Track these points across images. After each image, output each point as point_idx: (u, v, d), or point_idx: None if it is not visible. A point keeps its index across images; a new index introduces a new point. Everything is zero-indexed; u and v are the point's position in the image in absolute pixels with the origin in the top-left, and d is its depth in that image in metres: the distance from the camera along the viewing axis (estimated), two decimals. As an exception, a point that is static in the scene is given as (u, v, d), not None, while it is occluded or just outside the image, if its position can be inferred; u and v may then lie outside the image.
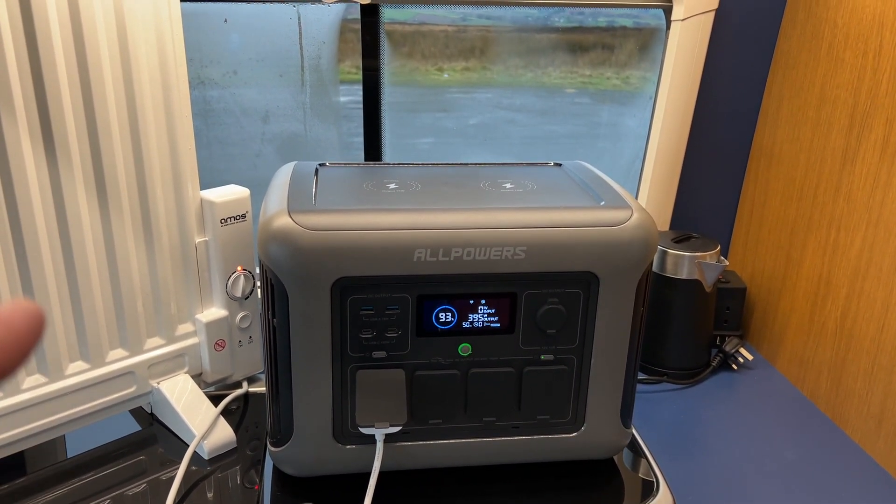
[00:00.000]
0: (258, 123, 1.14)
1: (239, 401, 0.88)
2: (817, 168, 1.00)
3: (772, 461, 0.88)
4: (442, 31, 1.13)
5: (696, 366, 1.06)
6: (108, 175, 0.72)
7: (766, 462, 0.88)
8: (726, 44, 1.10)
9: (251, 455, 0.79)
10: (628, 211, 0.65)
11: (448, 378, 0.66)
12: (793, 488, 0.83)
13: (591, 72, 1.18)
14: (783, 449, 0.91)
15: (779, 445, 0.91)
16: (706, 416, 0.97)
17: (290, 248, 0.60)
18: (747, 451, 0.90)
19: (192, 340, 0.84)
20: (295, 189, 0.67)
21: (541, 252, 0.63)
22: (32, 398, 0.72)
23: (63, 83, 0.67)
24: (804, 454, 0.90)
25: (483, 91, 1.18)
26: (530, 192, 0.70)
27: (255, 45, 1.10)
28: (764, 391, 1.04)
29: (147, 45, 0.72)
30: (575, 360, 0.68)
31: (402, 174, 0.75)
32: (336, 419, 0.66)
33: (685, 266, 1.00)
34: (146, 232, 0.77)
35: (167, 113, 0.75)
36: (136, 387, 0.80)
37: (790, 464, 0.88)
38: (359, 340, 0.64)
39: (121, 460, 0.77)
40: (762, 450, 0.90)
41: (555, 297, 0.65)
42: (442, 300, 0.64)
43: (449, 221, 0.62)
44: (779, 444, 0.92)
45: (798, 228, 1.04)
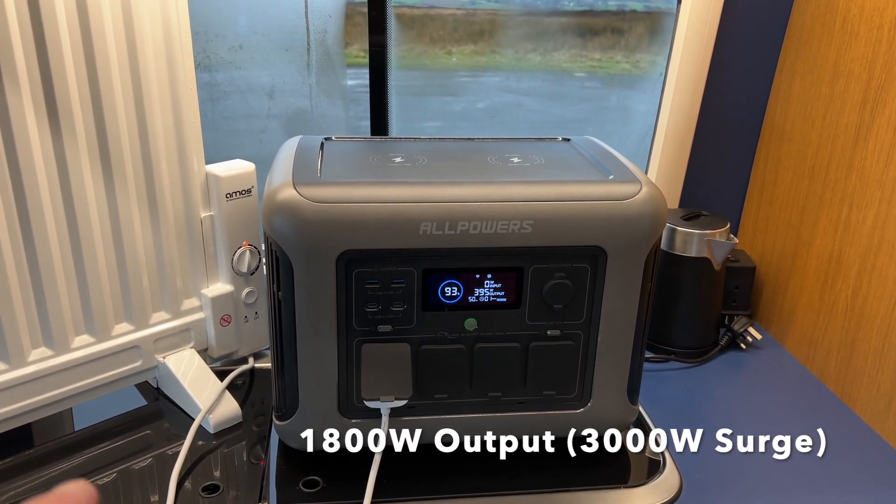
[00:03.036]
0: (264, 99, 1.13)
1: (245, 376, 0.88)
2: (829, 144, 0.99)
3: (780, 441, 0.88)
4: (451, 15, 1.12)
5: (704, 345, 1.05)
6: (112, 149, 0.71)
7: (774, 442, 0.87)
8: (738, 19, 1.08)
9: (257, 431, 0.79)
10: (637, 185, 0.64)
11: (454, 353, 0.66)
12: (801, 468, 0.83)
13: (600, 55, 1.17)
14: (793, 429, 0.90)
15: (788, 425, 0.91)
16: (714, 394, 0.97)
17: (295, 220, 0.59)
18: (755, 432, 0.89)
19: (197, 315, 0.84)
20: (300, 162, 0.66)
21: (548, 226, 0.62)
22: (38, 371, 0.72)
23: (67, 56, 0.66)
24: (814, 434, 0.89)
25: (491, 75, 1.17)
26: (538, 166, 0.69)
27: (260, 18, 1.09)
28: (773, 371, 1.03)
29: (152, 17, 0.71)
30: (581, 336, 0.67)
31: (408, 148, 0.74)
32: (341, 393, 0.66)
33: (694, 244, 0.99)
34: (151, 206, 0.76)
35: (172, 86, 0.74)
36: (142, 361, 0.80)
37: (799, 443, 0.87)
38: (364, 314, 0.64)
39: (127, 434, 0.77)
40: (771, 430, 0.90)
41: (562, 272, 0.65)
42: (448, 274, 0.64)
43: (455, 194, 0.61)
44: (788, 424, 0.91)
45: (809, 206, 1.03)
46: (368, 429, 0.67)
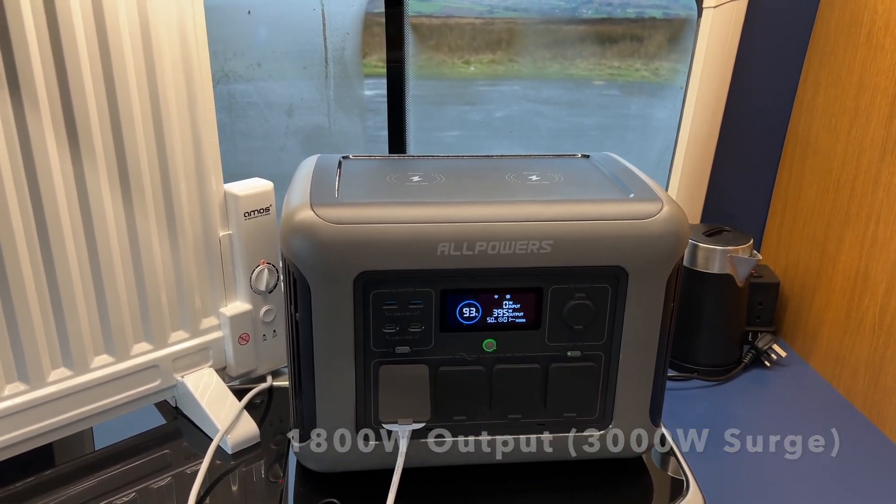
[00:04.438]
0: (282, 117, 1.13)
1: (263, 395, 0.88)
2: (855, 159, 0.97)
3: (806, 461, 0.86)
4: (469, 24, 1.12)
5: (728, 362, 1.03)
6: (131, 168, 0.72)
7: (800, 462, 0.86)
8: (760, 31, 1.07)
9: (275, 449, 0.78)
10: (658, 204, 0.63)
11: (472, 374, 0.65)
12: (828, 489, 0.81)
13: (619, 63, 1.16)
14: (818, 448, 0.88)
15: (813, 445, 0.89)
16: (738, 413, 0.95)
17: (313, 241, 0.59)
18: (780, 451, 0.87)
19: (216, 334, 0.83)
20: (318, 182, 0.66)
21: (568, 246, 0.61)
22: (58, 391, 0.72)
23: (87, 77, 0.66)
24: (840, 453, 0.87)
25: (510, 83, 1.16)
26: (557, 184, 0.68)
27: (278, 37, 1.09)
28: (798, 389, 1.01)
29: (170, 37, 0.71)
30: (603, 357, 0.66)
31: (425, 166, 0.74)
32: (359, 415, 0.65)
33: (717, 260, 0.97)
34: (170, 226, 0.76)
35: (190, 106, 0.75)
36: (161, 380, 0.80)
37: (825, 464, 0.85)
38: (382, 335, 0.63)
39: (146, 453, 0.77)
40: (796, 449, 0.88)
41: (582, 292, 0.64)
42: (466, 295, 0.63)
43: (473, 214, 0.61)
44: (813, 444, 0.89)
45: (834, 221, 1.01)
46: (386, 451, 0.66)
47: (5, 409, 0.69)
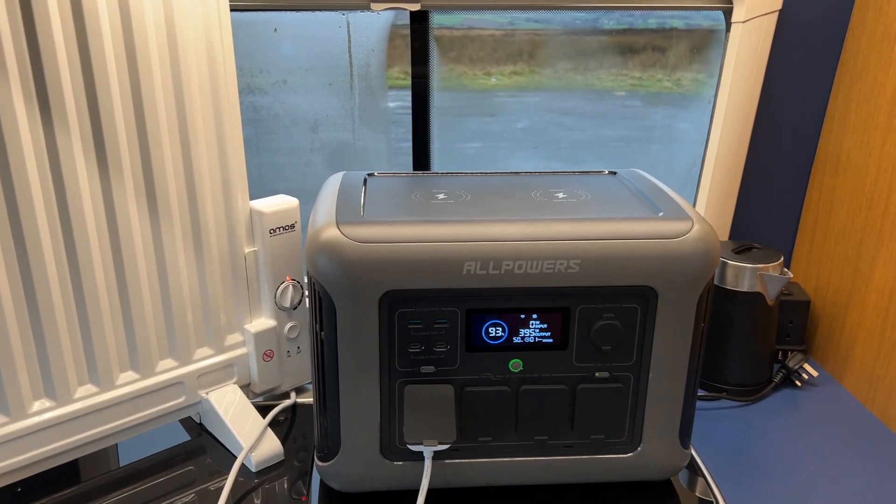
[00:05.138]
0: (307, 133, 1.14)
1: (287, 412, 0.87)
2: (889, 176, 0.95)
3: (838, 485, 0.84)
4: (490, 36, 1.12)
5: (758, 382, 1.01)
6: (158, 185, 0.72)
7: (833, 486, 0.83)
8: (790, 46, 1.06)
9: (298, 466, 0.78)
10: (688, 222, 0.62)
11: (498, 394, 0.64)
12: (864, 515, 0.79)
13: (641, 74, 1.15)
14: (851, 472, 0.86)
15: (846, 468, 0.87)
16: (768, 435, 0.93)
17: (339, 260, 0.59)
18: (812, 474, 0.85)
19: (240, 351, 0.83)
20: (343, 200, 0.66)
21: (596, 265, 0.60)
22: (84, 408, 0.72)
23: (115, 95, 0.67)
24: (874, 478, 0.85)
25: (531, 94, 1.16)
26: (584, 202, 0.68)
27: (304, 53, 1.10)
28: (830, 410, 0.99)
29: (197, 55, 0.72)
30: (631, 378, 0.65)
31: (451, 184, 0.73)
32: (384, 434, 0.65)
33: (746, 278, 0.96)
34: (196, 243, 0.77)
35: (217, 123, 0.75)
36: (185, 397, 0.80)
37: (859, 488, 0.83)
38: (407, 355, 0.63)
39: (170, 470, 0.77)
40: (828, 473, 0.86)
41: (610, 313, 0.63)
42: (492, 314, 0.63)
43: (499, 233, 0.60)
44: (846, 467, 0.87)
45: (867, 239, 0.99)
46: (411, 471, 0.65)
47: (32, 425, 0.69)
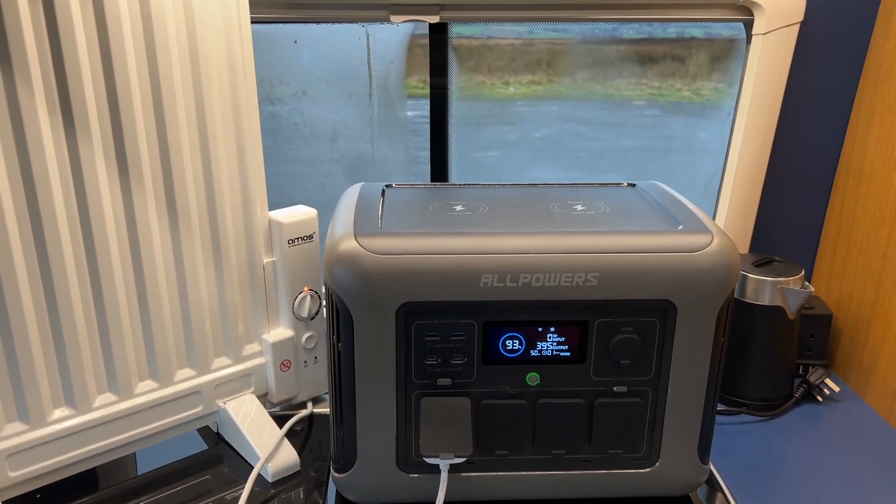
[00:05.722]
0: (326, 143, 1.14)
1: (303, 422, 0.87)
2: (913, 188, 0.94)
3: (860, 503, 0.82)
4: (508, 45, 1.12)
5: (778, 397, 1.00)
6: (178, 195, 0.73)
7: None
8: (812, 57, 1.05)
9: (315, 477, 0.78)
10: (708, 236, 0.61)
11: (515, 408, 0.64)
12: (887, 534, 0.77)
13: (660, 83, 1.15)
14: (874, 489, 0.84)
15: (869, 485, 0.85)
16: (789, 451, 0.92)
17: (356, 272, 0.59)
18: (834, 492, 0.84)
19: (258, 360, 0.84)
20: (361, 211, 0.66)
21: (614, 279, 0.60)
22: (103, 416, 0.73)
23: (136, 104, 0.68)
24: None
25: (549, 103, 1.16)
26: (603, 214, 0.67)
27: (324, 65, 1.10)
28: (852, 426, 0.97)
29: (218, 66, 0.72)
30: (650, 393, 0.64)
31: (469, 195, 0.73)
32: (400, 447, 0.65)
33: (767, 292, 0.95)
34: (215, 252, 0.77)
35: (237, 134, 0.76)
36: (203, 406, 0.80)
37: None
38: (423, 367, 0.63)
39: (187, 479, 0.78)
40: (850, 490, 0.84)
41: (629, 326, 0.62)
42: (509, 327, 0.62)
43: (517, 246, 0.60)
44: (869, 484, 0.85)
45: (891, 251, 0.98)
46: (427, 484, 0.65)
47: (52, 433, 0.70)
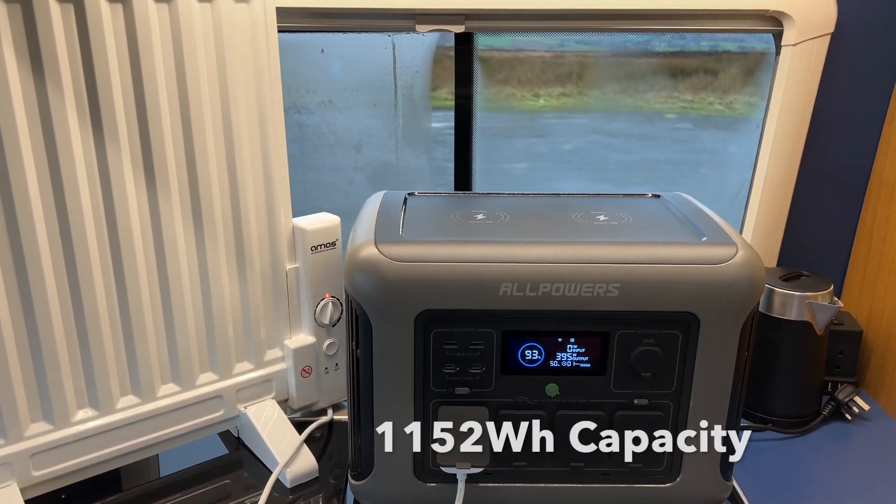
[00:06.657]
0: (351, 152, 1.15)
1: (323, 428, 0.88)
2: (947, 203, 0.92)
3: (892, 525, 0.80)
4: (539, 57, 1.12)
5: (805, 414, 0.98)
6: (204, 202, 0.74)
7: (886, 525, 0.80)
8: (842, 69, 1.03)
9: (333, 484, 0.78)
10: (733, 248, 0.61)
11: (534, 419, 0.64)
12: (917, 557, 0.75)
13: (692, 97, 1.14)
14: (906, 512, 0.82)
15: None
16: (815, 469, 0.90)
17: (376, 278, 0.59)
18: (864, 512, 0.82)
19: (279, 366, 0.84)
20: (383, 219, 0.66)
21: (636, 290, 0.59)
22: (126, 418, 0.74)
23: (164, 111, 0.69)
24: (930, 519, 0.81)
25: (579, 116, 1.15)
26: (626, 225, 0.67)
27: (350, 74, 1.11)
28: (882, 445, 0.95)
29: (245, 74, 0.73)
30: (671, 406, 0.64)
31: (491, 204, 0.73)
32: (417, 455, 0.64)
33: (794, 306, 0.93)
34: (239, 258, 0.78)
35: (262, 142, 0.76)
36: (224, 410, 0.81)
37: (914, 529, 0.79)
38: (442, 375, 0.63)
39: (208, 483, 0.78)
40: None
41: (651, 339, 0.62)
42: (529, 337, 0.62)
43: (537, 255, 0.60)
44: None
45: (924, 268, 0.96)
46: (444, 494, 0.65)
47: (76, 433, 0.71)
